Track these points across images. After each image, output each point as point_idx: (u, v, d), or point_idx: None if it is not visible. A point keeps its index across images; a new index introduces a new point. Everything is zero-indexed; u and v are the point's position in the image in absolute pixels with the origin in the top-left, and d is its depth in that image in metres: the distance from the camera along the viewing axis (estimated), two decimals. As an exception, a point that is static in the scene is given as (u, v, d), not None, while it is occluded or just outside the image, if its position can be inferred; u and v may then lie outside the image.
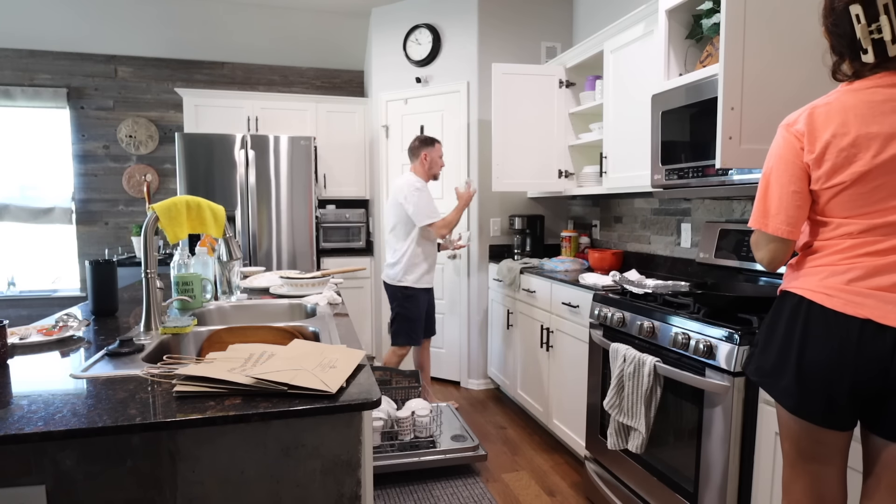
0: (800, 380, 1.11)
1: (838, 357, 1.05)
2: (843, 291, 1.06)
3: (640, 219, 3.05)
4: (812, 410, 1.11)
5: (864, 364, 1.03)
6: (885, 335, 1.01)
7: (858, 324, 1.03)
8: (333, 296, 2.03)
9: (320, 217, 4.27)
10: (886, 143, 1.04)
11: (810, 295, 1.10)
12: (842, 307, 1.06)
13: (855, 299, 1.05)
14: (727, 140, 1.65)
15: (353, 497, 0.99)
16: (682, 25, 2.19)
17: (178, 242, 1.66)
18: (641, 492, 1.95)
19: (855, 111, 1.07)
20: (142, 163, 4.41)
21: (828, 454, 1.14)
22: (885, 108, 1.05)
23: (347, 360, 1.12)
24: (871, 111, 1.05)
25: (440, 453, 2.51)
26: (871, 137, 1.05)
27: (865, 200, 1.07)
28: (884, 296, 1.02)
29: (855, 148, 1.06)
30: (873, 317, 1.02)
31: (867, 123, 1.05)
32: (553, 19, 3.78)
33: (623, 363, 1.91)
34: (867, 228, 1.07)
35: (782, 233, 1.18)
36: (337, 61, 4.73)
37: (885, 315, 1.01)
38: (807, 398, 1.11)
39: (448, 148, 3.78)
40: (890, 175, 1.04)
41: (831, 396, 1.08)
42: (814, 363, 1.08)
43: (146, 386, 1.03)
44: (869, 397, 1.06)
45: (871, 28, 1.04)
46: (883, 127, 1.04)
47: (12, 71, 4.14)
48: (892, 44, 1.03)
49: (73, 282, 4.40)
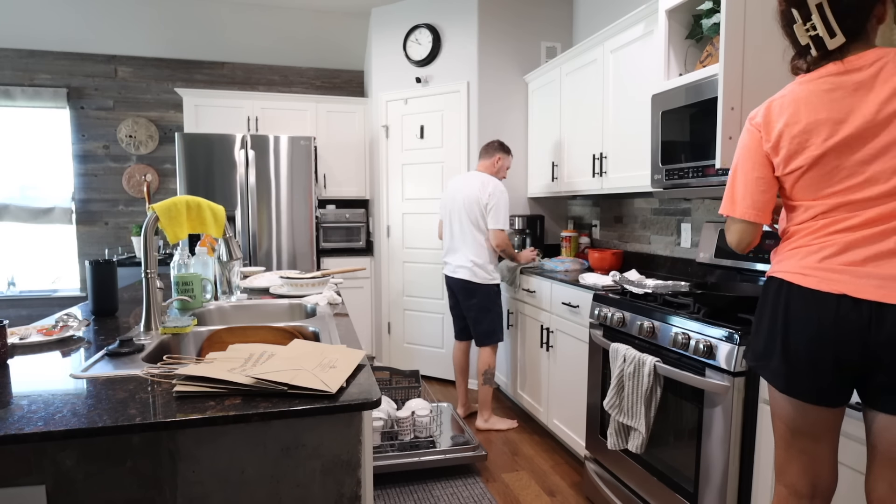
0: (786, 359, 1.15)
1: (818, 333, 1.09)
2: (817, 270, 1.11)
3: (640, 219, 3.05)
4: (802, 389, 1.15)
5: (844, 338, 1.07)
6: (861, 308, 1.05)
7: (835, 299, 1.08)
8: (333, 296, 2.03)
9: (320, 217, 4.27)
10: (835, 128, 1.10)
11: (789, 277, 1.16)
12: (817, 285, 1.10)
13: (830, 276, 1.09)
14: (727, 140, 1.65)
15: (353, 497, 0.99)
16: (682, 25, 2.19)
17: (178, 242, 1.66)
18: (641, 492, 1.95)
19: (805, 100, 1.15)
20: (142, 163, 4.41)
21: (820, 432, 1.17)
22: (832, 96, 1.12)
23: (347, 360, 1.12)
24: (819, 99, 1.13)
25: (440, 453, 2.51)
26: (820, 123, 1.12)
27: (826, 182, 1.13)
28: (856, 270, 1.06)
29: (806, 134, 1.14)
30: (848, 291, 1.06)
31: (816, 111, 1.13)
32: (553, 19, 3.78)
33: (623, 363, 1.91)
34: (833, 207, 1.12)
35: (749, 216, 1.26)
36: (337, 61, 4.73)
37: (859, 289, 1.05)
38: (794, 377, 1.15)
39: (448, 148, 3.78)
40: (843, 157, 1.10)
41: (817, 373, 1.12)
42: (797, 342, 1.13)
43: (146, 386, 1.03)
44: (855, 371, 1.09)
45: (807, 26, 1.14)
46: (831, 113, 1.11)
47: (12, 71, 4.14)
48: (830, 38, 1.11)
49: (73, 282, 4.40)
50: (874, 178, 1.07)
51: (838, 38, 1.11)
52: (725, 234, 1.34)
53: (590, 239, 3.52)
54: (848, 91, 1.11)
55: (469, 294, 3.01)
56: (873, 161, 1.07)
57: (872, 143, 1.07)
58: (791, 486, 1.22)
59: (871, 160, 1.08)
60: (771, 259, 1.29)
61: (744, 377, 1.53)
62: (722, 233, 2.29)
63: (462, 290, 3.03)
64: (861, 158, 1.09)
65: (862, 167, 1.09)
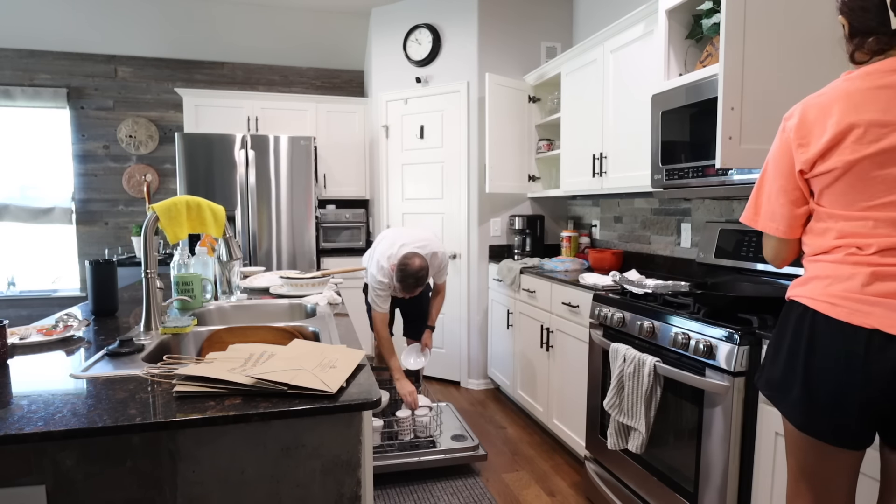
0: (807, 394, 1.03)
1: (846, 370, 0.98)
2: (847, 300, 0.99)
3: (640, 219, 3.05)
4: (821, 428, 1.03)
5: (874, 378, 0.95)
6: (895, 345, 0.93)
7: (865, 334, 0.96)
8: (333, 296, 2.03)
9: (320, 217, 4.27)
10: (881, 131, 0.96)
11: (814, 304, 1.04)
12: (847, 317, 0.98)
13: (862, 308, 0.97)
14: (727, 140, 1.65)
15: (353, 497, 0.99)
16: (682, 25, 2.19)
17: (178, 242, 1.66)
18: (641, 492, 1.95)
19: (848, 96, 1.01)
20: (142, 163, 4.41)
21: (836, 474, 1.06)
22: (884, 94, 0.97)
23: (347, 360, 1.12)
24: (865, 96, 0.99)
25: (440, 453, 2.51)
26: (862, 123, 0.98)
27: (861, 193, 0.99)
28: (891, 303, 0.94)
29: (843, 134, 1.00)
30: (881, 326, 0.94)
31: (859, 109, 0.99)
32: (553, 19, 3.78)
33: (623, 363, 1.91)
34: (868, 225, 0.99)
35: (770, 230, 1.15)
36: (337, 61, 4.73)
37: (893, 324, 0.93)
38: (815, 414, 1.03)
39: (448, 148, 3.78)
40: (885, 166, 0.96)
41: (840, 413, 1.00)
42: (821, 377, 1.01)
43: (146, 386, 1.03)
44: (882, 412, 0.98)
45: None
46: (877, 113, 0.97)
47: (12, 71, 4.14)
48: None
49: (73, 282, 4.40)
50: None
51: None
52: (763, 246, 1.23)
53: (590, 239, 3.52)
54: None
55: None
56: None
57: None
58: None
59: None
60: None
61: (744, 377, 1.53)
62: (722, 232, 2.29)
63: None
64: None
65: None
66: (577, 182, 3.06)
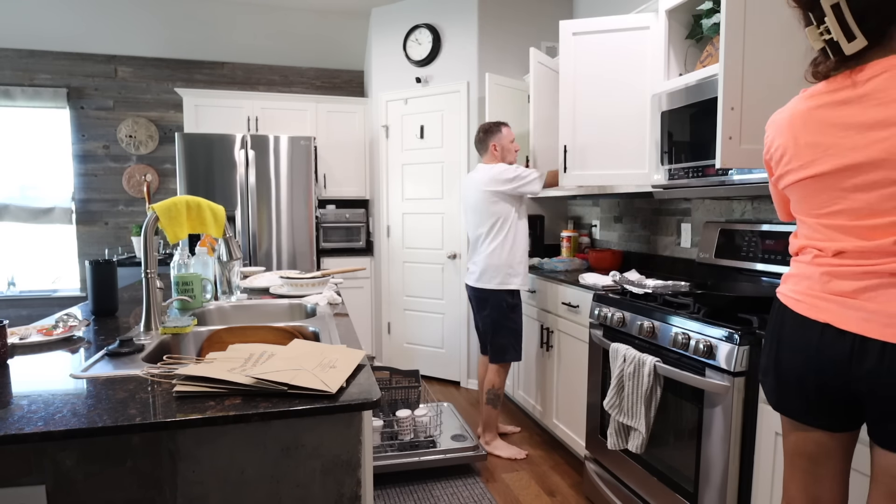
0: (778, 379, 1.17)
1: (804, 359, 1.09)
2: (808, 296, 1.10)
3: (640, 219, 3.05)
4: (790, 408, 1.16)
5: (825, 366, 1.06)
6: (844, 339, 1.02)
7: (819, 327, 1.06)
8: (333, 296, 2.03)
9: (320, 217, 4.27)
10: (818, 154, 1.06)
11: (785, 299, 1.16)
12: (806, 311, 1.09)
13: (819, 304, 1.08)
14: (727, 140, 1.65)
15: (353, 497, 0.99)
16: (682, 25, 2.19)
17: (178, 242, 1.66)
18: (641, 492, 1.95)
19: (792, 122, 1.11)
20: (142, 163, 4.41)
21: (819, 453, 1.15)
22: (822, 115, 1.05)
23: (347, 360, 1.12)
24: (808, 119, 1.08)
25: (440, 453, 2.51)
26: (804, 147, 1.08)
27: (818, 203, 1.09)
28: (844, 301, 1.03)
29: (790, 158, 1.12)
30: (832, 321, 1.04)
31: (799, 133, 1.09)
32: (553, 19, 3.78)
33: (623, 363, 1.91)
34: (828, 228, 1.08)
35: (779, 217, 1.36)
36: (337, 61, 4.73)
37: (844, 321, 1.02)
38: (784, 396, 1.17)
39: (448, 148, 3.78)
40: (831, 183, 1.04)
41: (804, 394, 1.12)
42: (787, 364, 1.13)
43: (146, 386, 1.03)
44: (847, 400, 1.07)
45: (820, 30, 1.03)
46: (817, 136, 1.06)
47: (12, 71, 4.14)
48: (848, 42, 0.99)
49: (73, 282, 4.40)
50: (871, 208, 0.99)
51: (858, 42, 0.98)
52: None
53: (590, 239, 3.52)
54: (836, 109, 1.02)
55: (481, 304, 2.72)
56: (868, 190, 0.99)
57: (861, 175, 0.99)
58: (790, 501, 1.22)
59: (866, 189, 0.99)
60: None
61: (744, 377, 1.53)
62: (722, 232, 2.29)
63: (475, 299, 2.76)
64: (853, 185, 1.01)
65: (855, 194, 1.01)
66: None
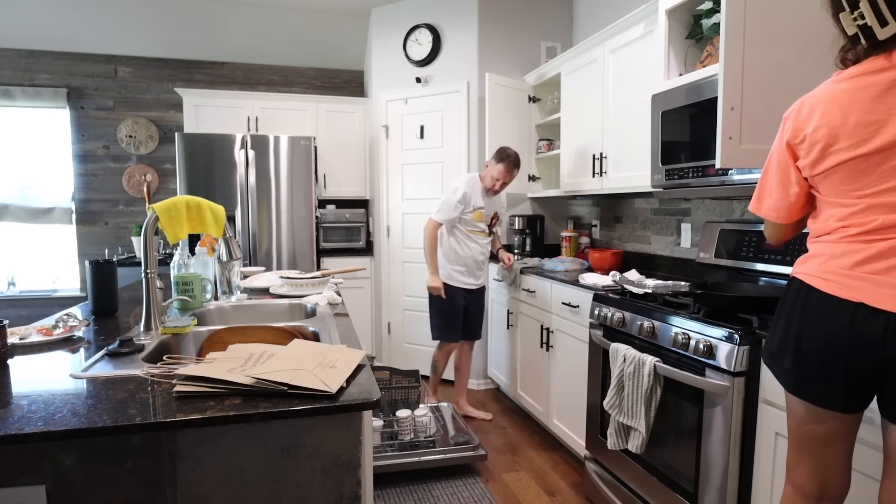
0: (797, 361, 1.14)
1: (831, 340, 1.07)
2: (839, 275, 1.08)
3: (640, 219, 3.05)
4: (810, 392, 1.14)
5: (857, 347, 1.04)
6: (878, 318, 1.02)
7: (852, 307, 1.05)
8: (333, 296, 2.03)
9: (320, 217, 4.27)
10: (865, 132, 1.03)
11: (809, 280, 1.13)
12: (836, 291, 1.07)
13: (850, 283, 1.06)
14: (727, 140, 1.65)
15: (353, 497, 0.99)
16: (682, 25, 2.19)
17: (178, 242, 1.66)
18: (641, 492, 1.95)
19: (835, 100, 1.08)
20: (142, 163, 4.41)
21: (831, 436, 1.15)
22: (866, 95, 1.04)
23: (347, 360, 1.12)
24: (850, 99, 1.06)
25: (440, 453, 2.51)
26: (849, 127, 1.05)
27: (856, 182, 1.07)
28: (877, 279, 1.03)
29: (833, 139, 1.08)
30: (866, 300, 1.03)
31: (845, 113, 1.06)
32: (553, 19, 3.78)
33: (623, 363, 1.91)
34: (862, 209, 1.07)
35: (771, 217, 1.27)
36: (337, 61, 4.73)
37: (878, 299, 1.02)
38: (804, 379, 1.14)
39: (448, 148, 3.78)
40: (874, 162, 1.04)
41: (826, 378, 1.10)
42: (810, 346, 1.11)
43: (146, 386, 1.03)
44: (867, 380, 1.07)
45: (854, 15, 1.05)
46: (862, 115, 1.04)
47: (12, 71, 4.14)
48: (881, 27, 1.01)
49: (73, 282, 4.40)
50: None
51: (891, 27, 0.99)
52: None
53: (590, 239, 3.52)
54: (884, 90, 1.02)
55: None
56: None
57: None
58: (799, 487, 1.21)
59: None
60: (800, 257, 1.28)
61: (744, 377, 1.53)
62: (722, 232, 2.29)
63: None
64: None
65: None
66: (577, 182, 3.06)
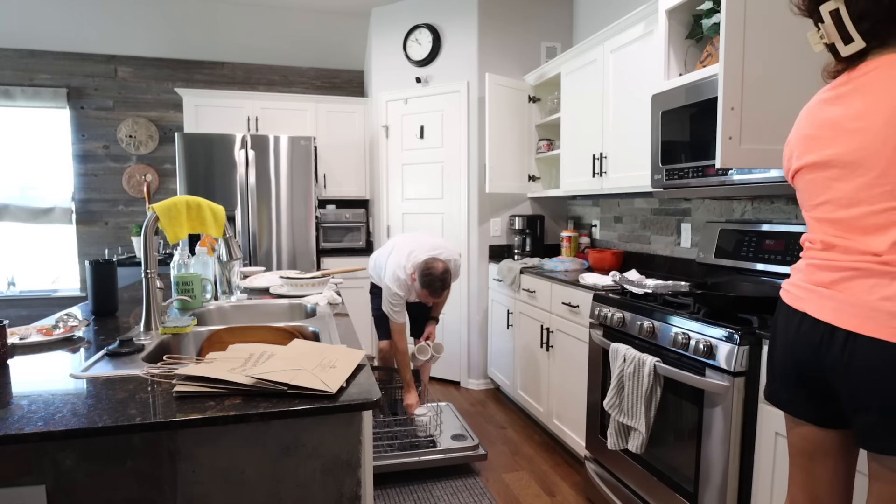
0: (770, 369, 1.21)
1: (783, 347, 1.14)
2: (794, 286, 1.14)
3: (640, 219, 3.05)
4: (779, 398, 1.20)
5: (801, 354, 1.10)
6: (817, 328, 1.06)
7: (799, 316, 1.11)
8: (333, 296, 2.03)
9: (320, 217, 4.27)
10: (809, 145, 1.10)
11: (781, 292, 1.21)
12: (791, 301, 1.14)
13: (799, 294, 1.12)
14: (727, 140, 1.65)
15: (353, 497, 0.99)
16: (682, 25, 2.19)
17: (178, 242, 1.66)
18: (641, 492, 1.95)
19: (805, 114, 1.15)
20: (142, 163, 4.41)
21: (813, 450, 1.16)
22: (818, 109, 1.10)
23: (347, 360, 1.12)
24: (809, 112, 1.13)
25: (440, 453, 2.51)
26: (801, 139, 1.13)
27: (805, 198, 1.14)
28: (822, 291, 1.07)
29: (791, 150, 1.16)
30: (808, 311, 1.08)
31: (802, 126, 1.14)
32: (553, 19, 3.78)
33: (623, 363, 1.91)
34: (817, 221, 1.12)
35: None
36: (337, 61, 4.73)
37: (818, 310, 1.06)
38: (774, 387, 1.21)
39: (448, 148, 3.78)
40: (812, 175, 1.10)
41: (787, 384, 1.16)
42: (776, 354, 1.18)
43: (146, 386, 1.03)
44: (822, 391, 1.10)
45: (820, 33, 1.09)
46: (810, 129, 1.11)
47: (12, 71, 4.14)
48: (845, 45, 1.04)
49: (73, 282, 4.40)
50: (849, 198, 1.03)
51: (855, 44, 1.02)
52: None
53: (590, 239, 3.52)
54: (826, 105, 1.07)
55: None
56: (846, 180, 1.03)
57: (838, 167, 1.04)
58: (792, 499, 1.22)
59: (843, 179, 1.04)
60: None
61: (744, 377, 1.53)
62: (722, 232, 2.29)
63: None
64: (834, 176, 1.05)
65: (836, 184, 1.05)
66: (577, 182, 3.06)
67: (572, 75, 3.09)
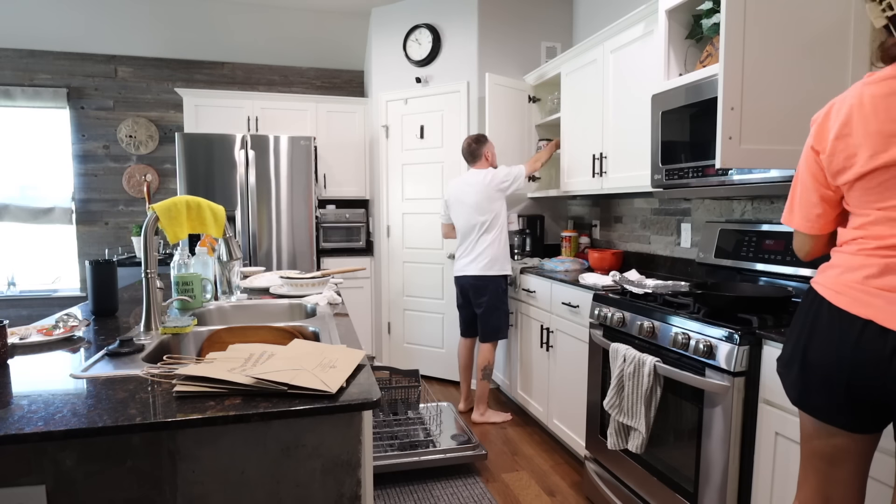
0: (802, 373, 1.11)
1: (836, 355, 1.03)
2: (851, 289, 1.03)
3: (640, 219, 3.05)
4: (813, 405, 1.10)
5: (860, 365, 1.00)
6: (886, 338, 0.96)
7: (860, 324, 1.00)
8: (333, 296, 2.03)
9: (320, 217, 4.27)
10: (887, 142, 0.98)
11: (823, 291, 1.09)
12: (847, 305, 1.03)
13: (862, 298, 1.01)
14: (727, 140, 1.65)
15: (353, 497, 0.99)
16: (682, 25, 2.19)
17: (178, 242, 1.66)
18: (641, 492, 1.95)
19: (860, 106, 1.02)
20: (142, 163, 4.41)
21: (837, 455, 1.10)
22: (889, 102, 0.98)
23: (347, 360, 1.12)
24: (874, 106, 1.00)
25: (440, 453, 2.51)
26: (870, 136, 1.00)
27: (879, 193, 1.02)
28: (891, 297, 0.97)
29: (854, 148, 1.03)
30: (876, 318, 0.98)
31: (867, 120, 1.01)
32: (553, 19, 3.78)
33: (623, 363, 1.91)
34: (884, 220, 1.01)
35: (803, 228, 1.21)
36: (337, 61, 4.73)
37: (889, 318, 0.96)
38: (808, 393, 1.11)
39: (448, 148, 3.78)
40: (891, 175, 0.99)
41: (829, 394, 1.06)
42: (816, 358, 1.07)
43: (146, 386, 1.03)
44: (875, 401, 1.02)
45: (883, 6, 0.99)
46: (884, 124, 0.99)
47: (12, 71, 4.14)
48: None
49: (73, 282, 4.40)
50: None
51: None
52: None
53: (590, 239, 3.52)
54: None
55: (479, 291, 3.07)
56: None
57: None
58: (802, 502, 1.18)
59: None
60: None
61: (744, 377, 1.53)
62: (722, 232, 2.29)
63: (472, 287, 3.09)
64: None
65: None
66: (577, 182, 3.06)
67: (572, 75, 3.09)
